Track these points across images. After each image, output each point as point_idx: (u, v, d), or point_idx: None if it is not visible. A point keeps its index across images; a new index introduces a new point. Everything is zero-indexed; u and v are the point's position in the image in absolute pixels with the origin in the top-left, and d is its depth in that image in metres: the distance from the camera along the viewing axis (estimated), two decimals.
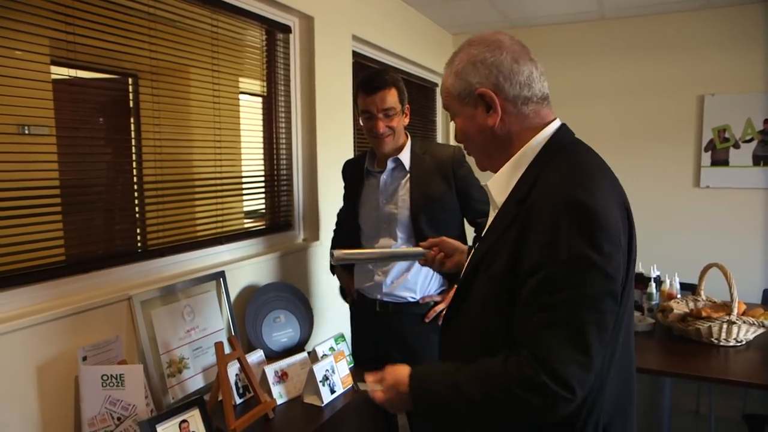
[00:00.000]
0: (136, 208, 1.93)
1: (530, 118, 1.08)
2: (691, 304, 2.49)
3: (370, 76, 2.04)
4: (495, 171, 1.13)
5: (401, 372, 1.11)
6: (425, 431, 2.11)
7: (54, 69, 1.61)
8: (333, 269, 2.39)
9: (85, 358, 1.51)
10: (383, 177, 2.11)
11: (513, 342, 0.99)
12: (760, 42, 3.72)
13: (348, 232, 2.28)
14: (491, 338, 1.04)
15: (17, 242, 1.51)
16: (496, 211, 1.10)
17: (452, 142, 4.65)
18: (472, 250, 1.19)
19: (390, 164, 2.10)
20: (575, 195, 0.95)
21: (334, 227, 2.50)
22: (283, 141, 2.67)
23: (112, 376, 1.45)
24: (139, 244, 1.93)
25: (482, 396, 0.98)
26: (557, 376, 0.90)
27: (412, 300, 2.10)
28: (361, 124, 2.09)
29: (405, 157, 2.10)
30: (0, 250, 1.48)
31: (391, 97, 2.01)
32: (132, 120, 1.91)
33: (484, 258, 1.06)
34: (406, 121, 2.11)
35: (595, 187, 0.97)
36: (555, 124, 1.10)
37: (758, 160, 3.79)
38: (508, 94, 1.06)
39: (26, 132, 1.58)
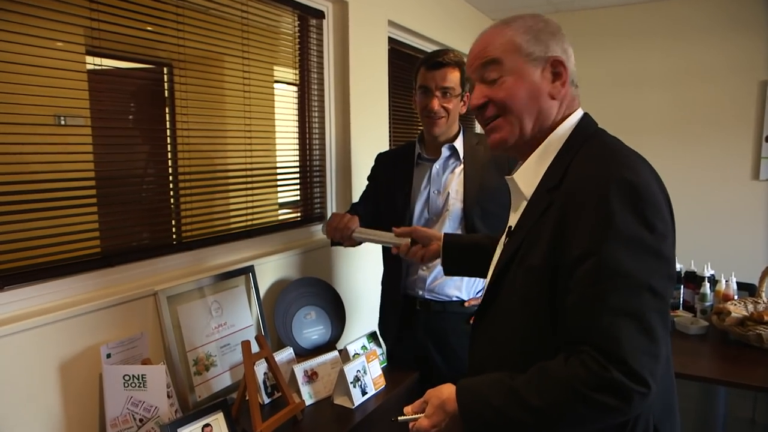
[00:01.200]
0: (171, 200, 1.90)
1: (572, 101, 1.09)
2: (750, 307, 2.31)
3: (435, 53, 1.98)
4: (512, 152, 1.12)
5: (446, 390, 1.04)
6: None
7: (89, 59, 1.59)
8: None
9: (109, 356, 1.48)
10: (436, 166, 2.02)
11: (561, 340, 0.93)
12: None
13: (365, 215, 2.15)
14: (532, 337, 0.98)
15: (52, 234, 1.50)
16: (525, 203, 1.07)
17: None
18: (502, 246, 1.11)
19: (445, 151, 2.01)
20: (622, 174, 0.91)
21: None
22: (316, 131, 2.60)
23: (134, 376, 1.41)
24: (174, 237, 1.90)
25: (546, 403, 0.90)
26: (630, 371, 0.84)
27: (456, 299, 2.00)
28: (416, 100, 2.01)
29: (459, 145, 2.02)
30: (35, 242, 1.46)
31: (453, 77, 1.93)
32: (167, 110, 1.88)
33: (517, 252, 1.02)
34: (463, 109, 2.01)
35: (638, 167, 0.95)
36: (579, 113, 1.10)
37: None
38: (571, 71, 1.08)
39: (62, 123, 1.56)
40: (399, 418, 1.11)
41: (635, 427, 0.96)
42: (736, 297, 2.48)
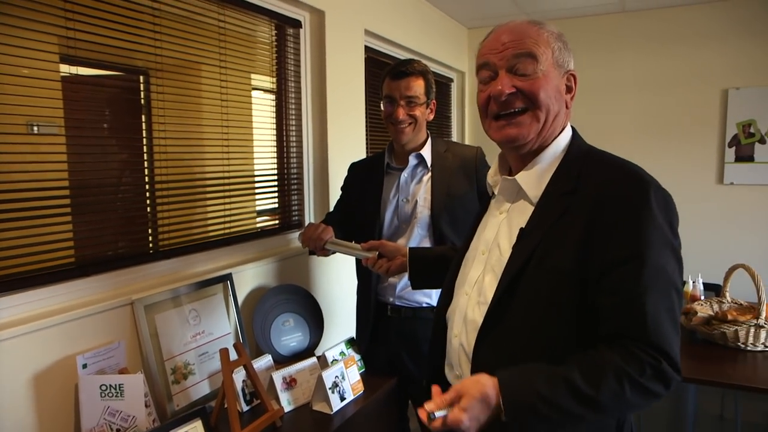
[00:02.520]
0: (148, 209, 1.89)
1: (569, 116, 1.15)
2: (716, 307, 2.40)
3: (399, 63, 2.02)
4: (517, 151, 1.12)
5: (485, 381, 0.96)
6: None
7: (63, 66, 1.58)
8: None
9: (85, 366, 1.47)
10: (404, 175, 2.05)
11: (599, 335, 0.97)
12: None
13: (339, 222, 2.17)
14: (559, 338, 1.00)
15: (25, 244, 1.48)
16: (526, 204, 1.10)
17: (467, 140, 4.57)
18: (513, 250, 1.08)
19: (412, 160, 2.04)
20: (656, 183, 0.99)
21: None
22: (294, 139, 2.61)
23: (111, 386, 1.40)
24: (150, 246, 1.89)
25: (599, 391, 0.92)
26: (673, 361, 0.93)
27: (427, 306, 2.03)
28: (382, 109, 2.04)
29: (426, 153, 2.04)
30: (7, 252, 1.44)
31: (417, 86, 1.96)
32: (143, 118, 1.87)
33: (533, 255, 1.02)
34: (431, 116, 2.05)
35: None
36: (570, 128, 1.15)
37: None
38: (577, 85, 1.14)
39: (35, 131, 1.55)
40: (434, 412, 0.97)
41: (625, 423, 1.07)
42: (702, 297, 2.57)
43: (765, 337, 2.12)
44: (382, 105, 2.04)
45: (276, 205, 2.53)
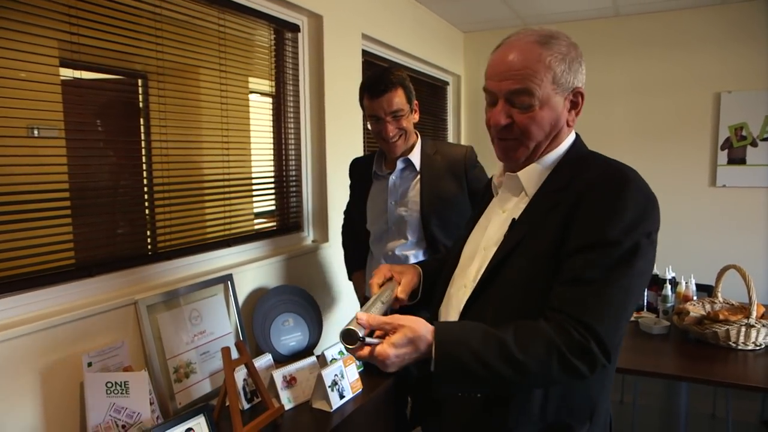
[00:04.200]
0: (147, 210, 1.92)
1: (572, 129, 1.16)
2: (708, 307, 2.44)
3: (374, 79, 1.97)
4: (516, 165, 1.15)
5: (422, 325, 0.99)
6: None
7: (63, 70, 1.60)
8: (350, 275, 2.36)
9: (90, 364, 1.50)
10: (392, 178, 2.07)
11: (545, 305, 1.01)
12: None
13: (356, 232, 2.25)
14: (535, 318, 1.03)
15: (26, 246, 1.50)
16: (524, 198, 1.13)
17: (463, 141, 4.62)
18: (504, 238, 1.13)
19: (399, 165, 2.06)
20: (636, 181, 1.02)
21: (341, 229, 2.47)
22: (292, 141, 2.64)
23: (116, 383, 1.43)
24: (149, 247, 1.92)
25: (527, 357, 0.95)
26: (603, 346, 0.95)
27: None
28: (369, 127, 2.04)
29: (415, 157, 2.06)
30: (9, 254, 1.47)
31: (399, 99, 1.94)
32: (142, 121, 1.90)
33: (520, 242, 1.07)
34: (416, 118, 2.06)
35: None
36: (573, 135, 1.17)
37: None
38: (584, 101, 1.14)
39: (35, 134, 1.57)
40: (365, 337, 0.96)
41: (600, 414, 1.10)
42: (695, 298, 2.61)
43: (756, 337, 2.16)
44: (368, 123, 2.04)
45: (275, 207, 2.56)
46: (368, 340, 0.97)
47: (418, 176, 2.05)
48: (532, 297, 1.04)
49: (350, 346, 0.96)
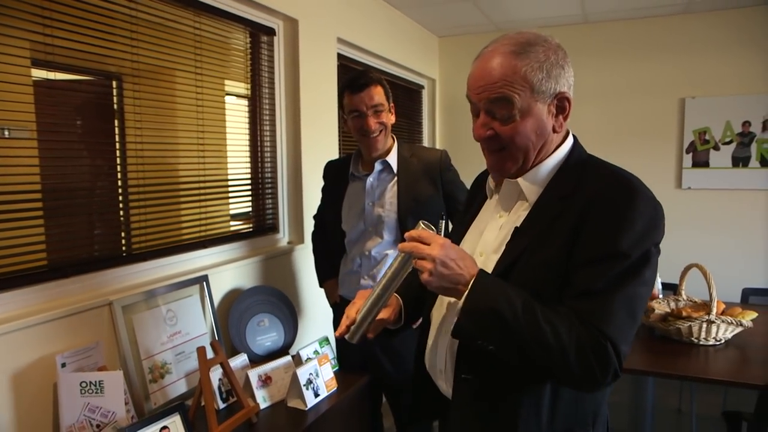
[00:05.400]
0: (121, 212, 1.92)
1: (565, 129, 1.14)
2: (673, 304, 2.52)
3: (355, 76, 2.05)
4: (508, 175, 1.13)
5: (467, 254, 1.03)
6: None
7: (35, 71, 1.59)
8: (322, 283, 2.38)
9: (64, 365, 1.50)
10: (370, 179, 2.11)
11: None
12: (738, 46, 3.79)
13: (327, 239, 2.27)
14: None
15: None
16: (524, 204, 1.11)
17: (438, 145, 4.67)
18: (507, 247, 1.10)
19: (378, 166, 2.10)
20: (644, 193, 1.00)
21: (312, 236, 2.48)
22: (268, 143, 2.66)
23: (91, 382, 1.44)
24: (123, 248, 1.92)
25: (554, 328, 0.94)
26: (618, 351, 0.95)
27: None
28: (350, 125, 2.08)
29: (392, 159, 2.10)
30: None
31: (378, 94, 2.01)
32: (116, 122, 1.89)
33: (525, 251, 1.04)
34: (393, 119, 2.11)
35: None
36: (570, 139, 1.16)
37: (737, 161, 3.86)
38: (572, 104, 1.12)
39: (6, 135, 1.56)
40: (425, 223, 1.05)
41: (601, 415, 1.12)
42: (660, 296, 2.69)
43: (716, 332, 2.24)
44: (348, 121, 2.08)
45: (250, 209, 2.57)
46: (423, 223, 1.06)
47: (395, 178, 2.09)
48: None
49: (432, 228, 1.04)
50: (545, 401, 1.04)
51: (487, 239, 1.16)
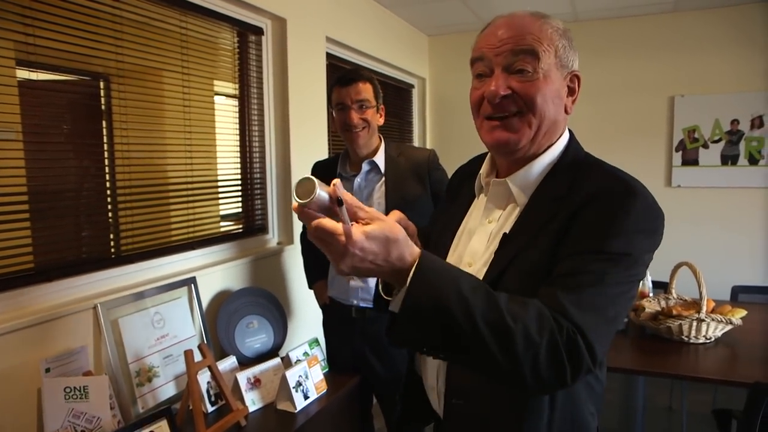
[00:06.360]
0: (109, 213, 1.89)
1: (567, 120, 1.07)
2: (663, 303, 2.52)
3: (346, 71, 2.07)
4: (508, 157, 1.04)
5: (402, 234, 0.80)
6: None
7: (20, 71, 1.57)
8: (311, 284, 2.36)
9: (48, 370, 1.47)
10: (357, 180, 2.10)
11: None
12: (727, 44, 3.81)
13: None
14: None
15: None
16: (515, 207, 1.03)
17: (428, 145, 4.67)
18: (495, 256, 1.02)
19: (365, 167, 2.09)
20: (642, 194, 0.93)
21: (300, 237, 2.47)
22: (257, 143, 2.64)
23: (75, 388, 1.41)
24: (112, 250, 1.90)
25: (519, 322, 0.80)
26: (590, 346, 0.84)
27: None
28: (335, 118, 2.08)
29: (380, 159, 2.09)
30: None
31: (366, 91, 2.02)
32: (104, 123, 1.87)
33: (513, 259, 0.96)
34: (381, 120, 2.10)
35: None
36: (567, 134, 1.08)
37: (726, 159, 3.88)
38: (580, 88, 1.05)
39: None
40: (338, 201, 0.74)
41: (593, 422, 1.06)
42: (651, 294, 2.69)
43: (706, 330, 2.25)
44: (334, 114, 2.08)
45: (240, 209, 2.55)
46: (341, 210, 0.73)
47: (383, 178, 2.08)
48: None
49: (302, 201, 0.72)
50: (545, 411, 0.97)
51: (476, 248, 1.07)
